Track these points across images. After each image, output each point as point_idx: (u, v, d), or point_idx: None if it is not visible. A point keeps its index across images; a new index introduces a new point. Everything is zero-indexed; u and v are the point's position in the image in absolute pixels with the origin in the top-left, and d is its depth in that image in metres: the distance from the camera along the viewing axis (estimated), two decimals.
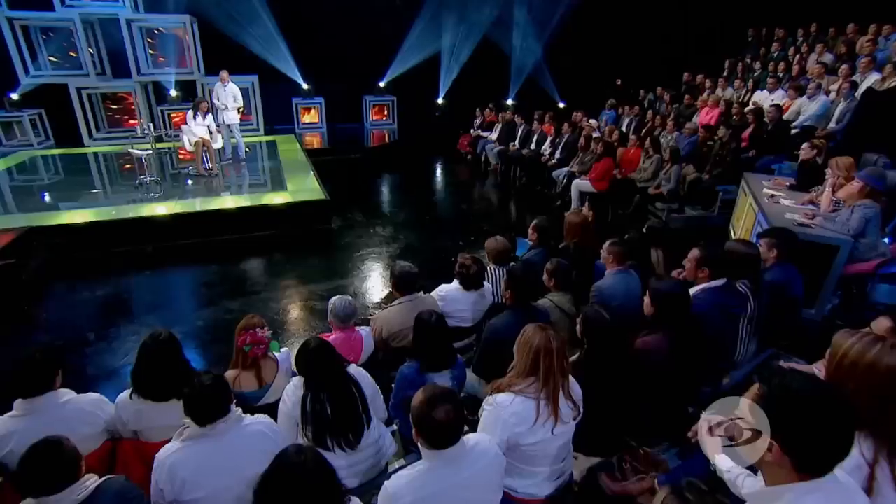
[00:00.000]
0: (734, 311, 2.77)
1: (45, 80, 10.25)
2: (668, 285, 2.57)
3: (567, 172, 8.32)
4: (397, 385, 2.77)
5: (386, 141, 12.29)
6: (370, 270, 6.22)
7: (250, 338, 2.72)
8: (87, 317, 5.15)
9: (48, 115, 10.90)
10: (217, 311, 5.28)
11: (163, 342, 2.53)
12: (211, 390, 2.08)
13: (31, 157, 9.96)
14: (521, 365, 2.18)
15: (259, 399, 2.86)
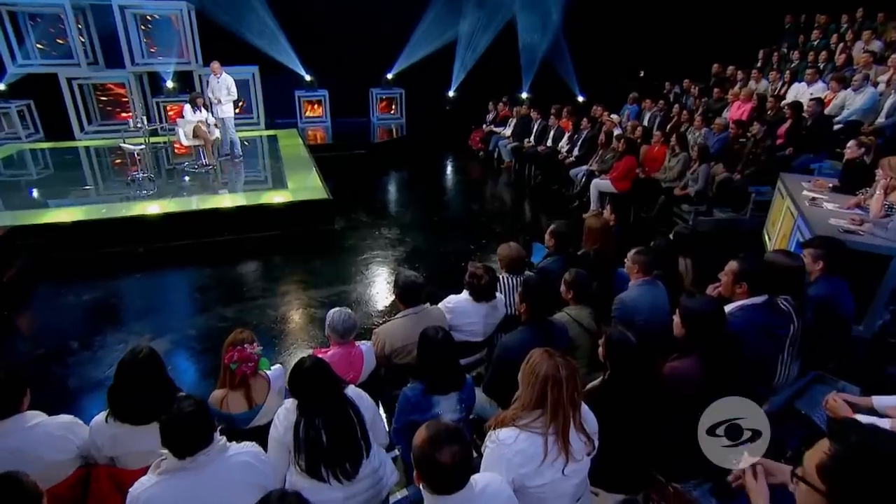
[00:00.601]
0: (777, 332, 2.61)
1: (33, 69, 10.27)
2: (701, 304, 2.42)
3: (586, 171, 8.16)
4: (400, 408, 2.65)
5: (393, 136, 12.20)
6: (374, 276, 6.11)
7: (238, 355, 2.61)
8: (72, 323, 5.09)
9: (38, 106, 10.92)
10: (210, 319, 5.19)
11: (143, 360, 2.43)
12: (191, 419, 1.97)
13: (18, 150, 9.98)
14: (526, 396, 2.04)
15: (249, 421, 2.76)
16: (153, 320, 5.12)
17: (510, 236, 7.11)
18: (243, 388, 2.71)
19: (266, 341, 4.77)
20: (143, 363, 2.43)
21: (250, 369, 2.66)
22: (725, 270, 2.82)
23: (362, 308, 5.41)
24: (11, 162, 9.31)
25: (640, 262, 3.51)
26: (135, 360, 2.42)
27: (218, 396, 2.73)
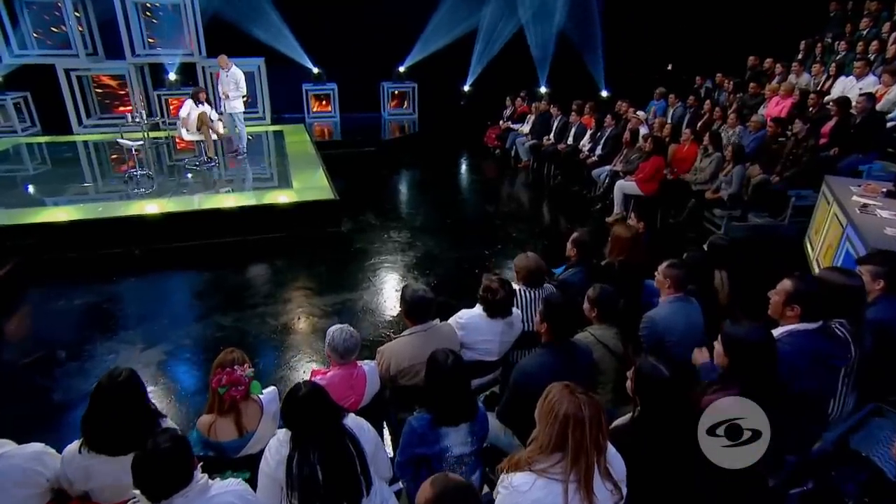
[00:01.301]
0: (832, 363, 2.40)
1: (30, 59, 10.29)
2: (747, 332, 2.22)
3: (609, 172, 7.95)
4: (404, 440, 2.48)
5: (405, 133, 12.06)
6: (382, 283, 5.96)
7: (226, 377, 2.47)
8: (61, 330, 5.01)
9: (35, 98, 10.95)
10: (207, 328, 5.09)
11: (122, 384, 2.30)
12: (166, 457, 1.83)
13: (14, 144, 10.01)
14: (543, 436, 1.86)
15: (239, 450, 2.62)
16: (146, 328, 5.02)
17: (527, 240, 6.99)
18: (233, 413, 2.57)
19: (264, 355, 4.67)
20: (122, 387, 2.30)
21: (240, 393, 2.51)
22: (777, 290, 2.61)
23: (368, 318, 5.27)
24: (6, 157, 9.33)
25: (672, 276, 3.31)
26: (113, 384, 2.29)
27: (206, 422, 2.59)
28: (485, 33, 13.00)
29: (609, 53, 12.69)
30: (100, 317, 5.23)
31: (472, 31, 12.89)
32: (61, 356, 4.61)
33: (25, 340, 4.91)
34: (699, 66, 10.82)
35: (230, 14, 11.18)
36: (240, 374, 2.51)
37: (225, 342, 4.83)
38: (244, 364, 2.59)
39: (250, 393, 2.62)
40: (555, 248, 6.72)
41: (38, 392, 4.16)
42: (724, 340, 2.26)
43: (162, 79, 11.40)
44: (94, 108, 11.24)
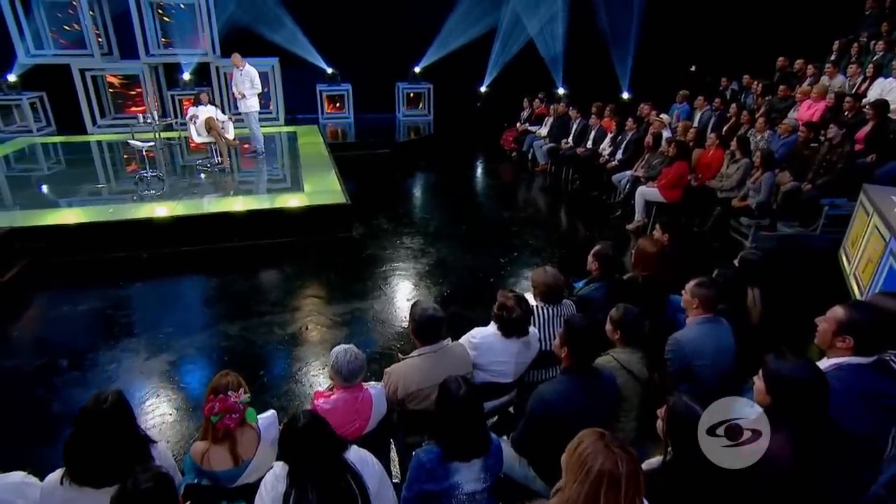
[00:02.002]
0: (888, 402, 2.17)
1: (45, 59, 10.31)
2: (794, 369, 1.99)
3: (630, 177, 7.71)
4: (412, 475, 2.31)
5: (420, 135, 11.91)
6: (394, 292, 5.79)
7: (220, 405, 2.30)
8: (64, 337, 4.92)
9: (50, 98, 10.98)
10: (212, 336, 4.96)
11: (109, 410, 2.15)
12: (148, 497, 1.66)
13: (30, 144, 10.04)
14: (571, 492, 1.65)
15: (235, 479, 2.46)
16: (150, 336, 4.91)
17: (544, 248, 6.78)
18: (228, 441, 2.41)
19: (270, 367, 4.53)
20: (108, 414, 2.14)
21: (234, 422, 2.35)
22: (827, 317, 2.37)
23: (378, 329, 5.11)
24: (20, 157, 9.36)
25: (701, 296, 3.09)
26: (99, 410, 2.14)
27: (199, 450, 2.43)
28: (502, 34, 12.78)
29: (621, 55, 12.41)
30: (104, 323, 5.13)
31: (489, 31, 12.68)
32: (63, 365, 4.51)
33: (29, 347, 4.82)
34: (724, 68, 10.50)
35: (244, 15, 11.11)
36: (234, 401, 2.35)
37: (230, 352, 4.72)
38: (239, 389, 2.43)
39: (245, 421, 2.45)
40: (573, 257, 6.52)
41: (36, 403, 4.05)
42: (768, 378, 2.04)
43: (176, 79, 11.37)
44: (109, 107, 11.26)
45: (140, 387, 4.26)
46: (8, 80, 10.28)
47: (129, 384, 4.27)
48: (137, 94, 11.02)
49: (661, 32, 11.97)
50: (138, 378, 4.36)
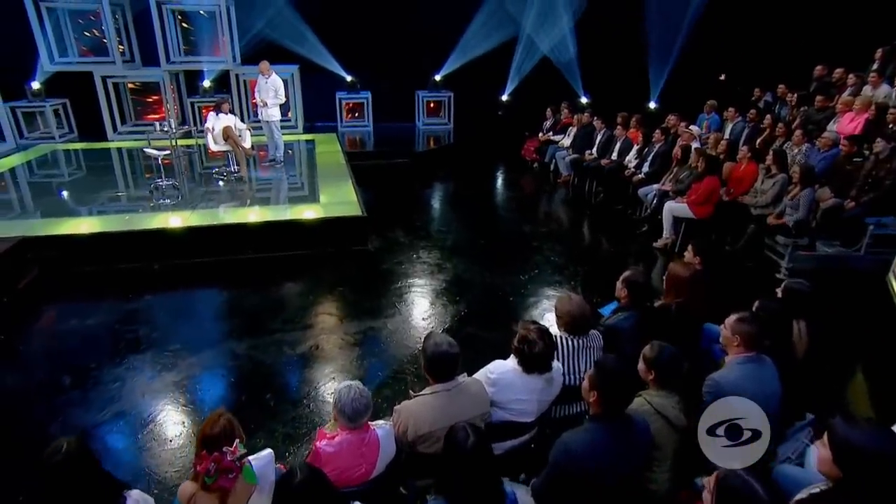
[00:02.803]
0: None
1: (69, 67, 10.36)
2: (869, 438, 1.70)
3: (658, 192, 7.39)
4: None
5: (439, 144, 11.73)
6: (409, 311, 5.56)
7: (214, 465, 2.07)
8: (69, 353, 4.79)
9: (73, 105, 11.05)
10: (220, 355, 4.78)
11: (62, 463, 1.95)
12: None
13: (51, 150, 10.08)
14: None
15: None
16: (156, 353, 4.75)
17: (566, 265, 6.50)
18: (218, 491, 2.19)
19: (277, 390, 4.32)
20: (66, 466, 1.95)
21: (230, 483, 2.12)
22: None
23: (392, 350, 4.88)
24: (40, 164, 9.38)
25: (744, 333, 2.81)
26: (54, 463, 1.94)
27: (186, 493, 2.22)
28: (524, 41, 12.54)
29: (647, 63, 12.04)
30: (111, 339, 4.99)
31: (510, 38, 12.46)
32: (65, 383, 4.37)
33: (33, 363, 4.69)
34: (755, 77, 10.11)
35: (263, 23, 11.06)
36: (230, 459, 2.11)
37: (237, 373, 4.54)
38: (234, 441, 2.19)
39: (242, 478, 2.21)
40: (597, 275, 6.27)
41: (33, 426, 3.90)
42: (836, 447, 1.75)
43: (196, 86, 11.36)
44: (130, 114, 11.30)
45: (143, 409, 4.09)
46: (32, 87, 10.34)
47: (131, 405, 4.11)
48: (156, 102, 11.03)
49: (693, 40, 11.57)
50: (141, 399, 4.19)
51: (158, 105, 10.98)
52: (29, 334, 5.11)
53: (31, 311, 5.46)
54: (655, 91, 11.83)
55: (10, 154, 9.66)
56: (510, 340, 4.97)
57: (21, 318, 5.31)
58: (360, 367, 4.61)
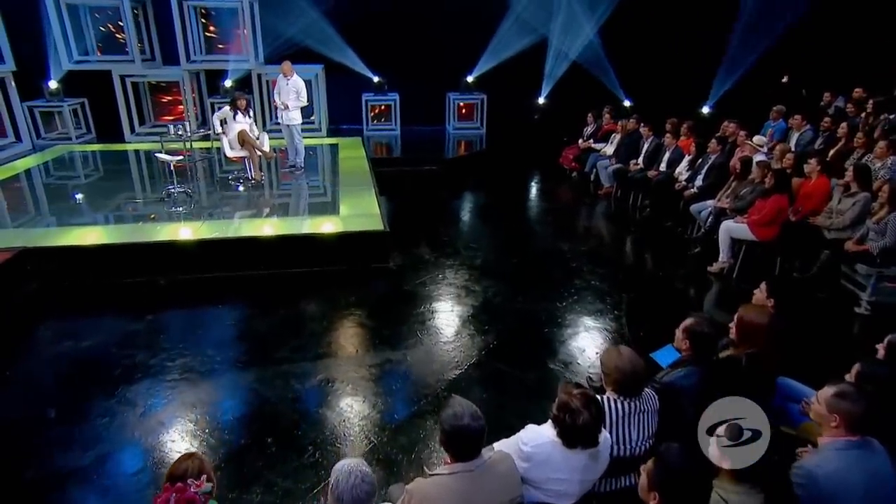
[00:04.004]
0: None
1: (88, 66, 10.34)
2: None
3: (713, 209, 6.84)
4: None
5: (471, 150, 11.37)
6: (433, 341, 5.15)
7: (176, 495, 1.75)
8: (59, 380, 4.56)
9: (92, 105, 11.04)
10: (219, 389, 4.46)
11: None
12: None
13: (67, 151, 10.06)
14: None
15: None
16: (151, 384, 4.46)
17: (608, 291, 6.00)
18: None
19: (278, 433, 3.96)
20: None
21: None
22: None
23: (411, 388, 4.48)
24: (54, 166, 9.34)
25: (846, 413, 2.31)
26: None
27: None
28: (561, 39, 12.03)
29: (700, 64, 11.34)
30: (106, 365, 4.72)
31: (547, 36, 12.00)
32: (50, 416, 4.11)
33: (19, 391, 4.46)
34: (826, 79, 9.40)
35: (286, 21, 10.85)
36: (193, 492, 1.79)
37: (238, 410, 4.21)
38: (201, 477, 1.86)
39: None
40: (643, 304, 5.80)
41: (8, 467, 3.61)
42: None
43: (217, 85, 11.23)
44: (150, 115, 11.25)
45: (130, 452, 3.78)
46: (49, 86, 10.34)
47: (118, 446, 3.82)
48: (176, 102, 10.95)
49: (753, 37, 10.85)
50: (128, 440, 3.88)
51: (178, 106, 10.88)
52: (18, 357, 4.90)
53: (25, 329, 5.25)
54: (710, 94, 11.13)
55: (26, 155, 9.66)
56: (544, 380, 4.60)
57: (12, 338, 5.11)
58: (373, 408, 4.23)
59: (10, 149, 9.66)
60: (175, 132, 7.72)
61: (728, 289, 6.17)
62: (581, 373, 4.62)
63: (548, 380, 4.56)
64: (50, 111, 10.58)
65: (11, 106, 9.71)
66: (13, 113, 9.75)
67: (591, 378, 4.10)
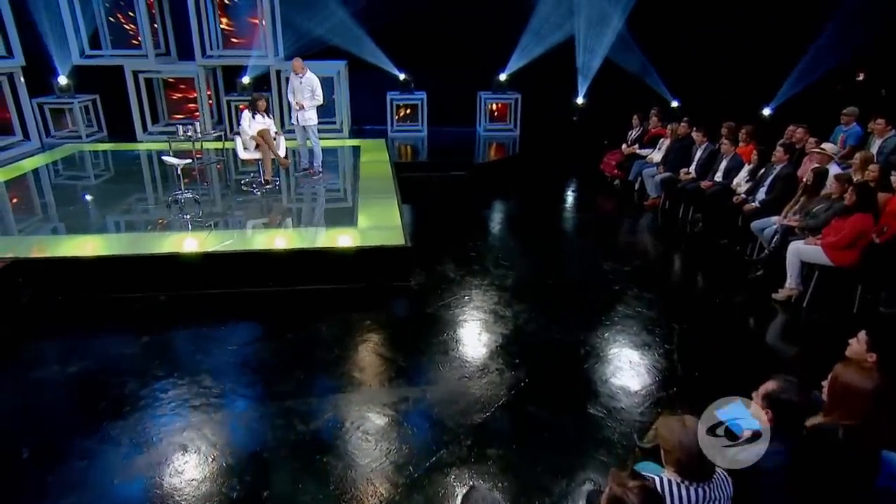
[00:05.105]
0: None
1: (100, 61, 10.27)
2: None
3: (779, 227, 6.27)
4: None
5: (504, 155, 11.05)
6: (456, 375, 4.73)
7: None
8: (39, 412, 4.28)
9: (104, 101, 10.98)
10: (214, 427, 4.12)
11: None
12: None
13: (76, 151, 10.01)
14: None
15: None
16: (138, 419, 4.15)
17: (658, 321, 5.51)
18: None
19: (274, 486, 3.60)
20: None
21: None
22: None
23: (428, 434, 4.06)
24: (61, 167, 9.28)
25: None
26: None
27: None
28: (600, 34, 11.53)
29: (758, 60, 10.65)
30: (92, 395, 4.43)
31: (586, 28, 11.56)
32: (24, 456, 3.82)
33: None
34: None
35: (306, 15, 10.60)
36: None
37: (231, 457, 3.85)
38: None
39: None
40: (698, 337, 5.28)
41: None
42: None
43: (234, 82, 11.05)
44: (164, 113, 11.14)
45: None
46: (59, 82, 10.29)
47: (94, 497, 3.49)
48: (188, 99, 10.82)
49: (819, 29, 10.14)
50: (107, 489, 3.56)
51: (192, 103, 10.75)
52: None
53: (10, 349, 5.03)
54: (776, 95, 10.42)
55: (34, 154, 9.60)
56: (583, 428, 4.15)
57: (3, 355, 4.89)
58: (386, 457, 3.83)
59: (18, 147, 9.63)
60: (184, 133, 7.50)
61: (797, 320, 5.63)
62: (626, 420, 4.17)
63: (587, 428, 4.12)
64: (60, 108, 10.55)
65: (20, 102, 9.67)
66: (21, 110, 9.70)
67: (641, 445, 3.70)
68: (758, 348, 5.29)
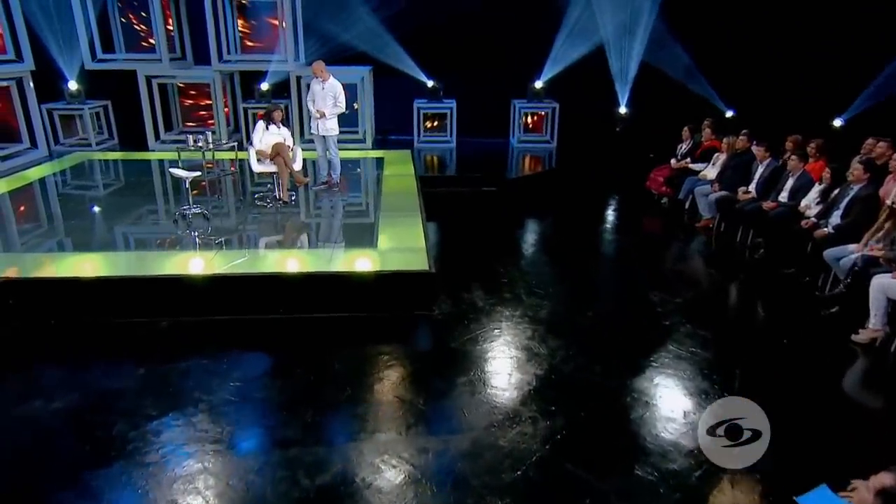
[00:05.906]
0: None
1: (113, 65, 10.31)
2: None
3: (859, 257, 5.80)
4: None
5: (539, 168, 10.87)
6: (482, 423, 4.38)
7: None
8: (13, 458, 4.04)
9: (115, 108, 11.05)
10: (207, 481, 3.83)
11: None
12: None
13: (86, 159, 10.09)
14: None
15: None
16: (122, 471, 3.86)
17: (713, 363, 5.08)
18: None
19: None
20: None
21: None
22: None
23: (449, 497, 3.71)
24: (66, 177, 9.32)
25: None
26: None
27: None
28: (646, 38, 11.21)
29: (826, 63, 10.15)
30: (75, 437, 4.21)
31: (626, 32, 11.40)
32: None
33: None
34: None
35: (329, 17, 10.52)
36: None
37: None
38: None
39: None
40: (762, 383, 4.86)
41: None
42: None
43: (252, 89, 11.02)
44: (178, 120, 11.13)
45: None
46: (69, 87, 10.34)
47: None
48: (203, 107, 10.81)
49: None
50: None
51: (193, 111, 10.76)
52: None
53: None
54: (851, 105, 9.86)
55: (40, 163, 9.63)
56: (631, 495, 3.75)
57: None
58: None
59: (25, 155, 9.67)
60: (195, 143, 7.37)
61: (883, 366, 5.17)
62: (682, 486, 3.75)
63: (636, 494, 3.72)
64: (70, 114, 10.63)
65: (28, 108, 9.72)
66: (30, 116, 9.76)
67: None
68: (837, 401, 4.83)
